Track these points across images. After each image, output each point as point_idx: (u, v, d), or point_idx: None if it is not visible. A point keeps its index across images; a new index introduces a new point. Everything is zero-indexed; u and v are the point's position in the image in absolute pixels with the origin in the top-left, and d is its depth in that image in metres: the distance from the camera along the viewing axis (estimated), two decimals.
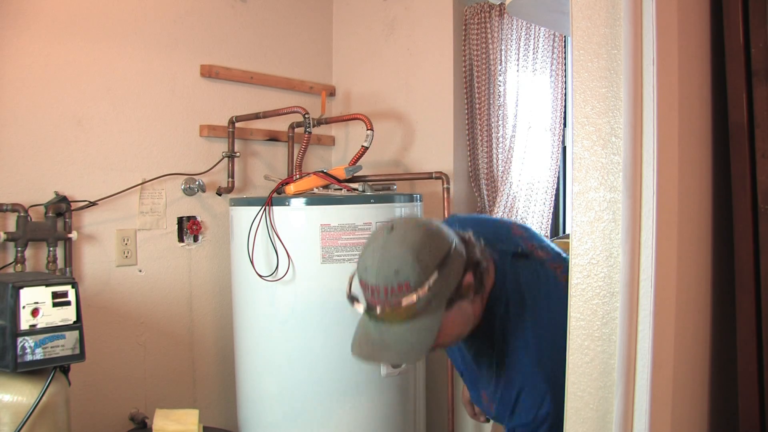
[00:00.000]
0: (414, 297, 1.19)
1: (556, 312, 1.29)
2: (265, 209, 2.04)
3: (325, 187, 2.22)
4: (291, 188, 2.17)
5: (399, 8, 2.72)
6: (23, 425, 1.53)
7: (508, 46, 2.43)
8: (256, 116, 2.45)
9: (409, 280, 1.20)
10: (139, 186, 2.27)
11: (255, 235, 2.07)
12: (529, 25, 2.43)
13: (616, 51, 1.01)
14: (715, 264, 1.23)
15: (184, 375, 2.42)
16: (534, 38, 2.45)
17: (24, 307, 1.58)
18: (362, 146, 2.35)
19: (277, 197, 2.09)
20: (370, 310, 1.27)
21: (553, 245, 1.55)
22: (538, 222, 2.42)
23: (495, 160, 2.47)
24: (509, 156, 2.42)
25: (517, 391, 1.30)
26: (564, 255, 1.51)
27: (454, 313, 1.25)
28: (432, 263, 1.21)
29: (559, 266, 1.43)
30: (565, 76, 2.45)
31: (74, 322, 1.65)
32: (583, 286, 1.05)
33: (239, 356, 2.25)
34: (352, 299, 1.33)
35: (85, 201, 2.12)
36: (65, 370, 1.69)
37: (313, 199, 2.07)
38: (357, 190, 2.17)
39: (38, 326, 1.59)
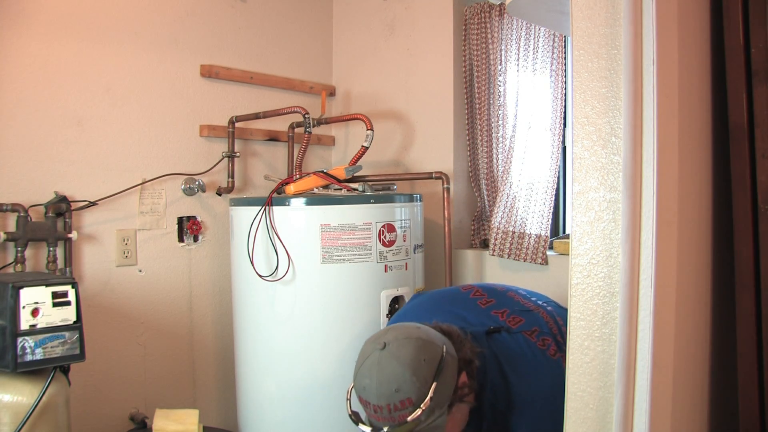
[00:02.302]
0: (418, 412, 1.25)
1: (544, 386, 1.36)
2: (265, 209, 2.04)
3: (325, 187, 2.22)
4: (291, 188, 2.17)
5: (399, 8, 2.72)
6: (23, 425, 1.53)
7: (508, 46, 2.43)
8: (256, 116, 2.45)
9: (411, 396, 1.25)
10: (139, 186, 2.27)
11: (255, 235, 2.07)
12: (529, 25, 2.42)
13: (616, 51, 1.02)
14: (715, 264, 1.23)
15: (184, 375, 2.42)
16: (534, 38, 2.45)
17: (24, 307, 1.58)
18: (362, 146, 2.35)
19: (277, 197, 2.09)
20: (375, 429, 1.31)
21: (520, 298, 1.59)
22: (538, 222, 2.42)
23: (495, 160, 2.47)
24: (509, 156, 2.41)
25: None
26: (534, 305, 1.53)
27: (455, 415, 1.32)
28: (429, 375, 1.27)
29: (535, 330, 1.48)
30: (565, 76, 2.45)
31: (74, 322, 1.65)
32: (583, 286, 1.05)
33: (239, 356, 2.25)
34: (356, 419, 1.37)
35: (85, 201, 2.12)
36: (65, 370, 1.69)
37: (313, 199, 2.07)
38: (357, 190, 2.17)
39: (38, 326, 1.59)
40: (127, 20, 2.23)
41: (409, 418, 1.25)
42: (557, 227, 2.65)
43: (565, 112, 2.44)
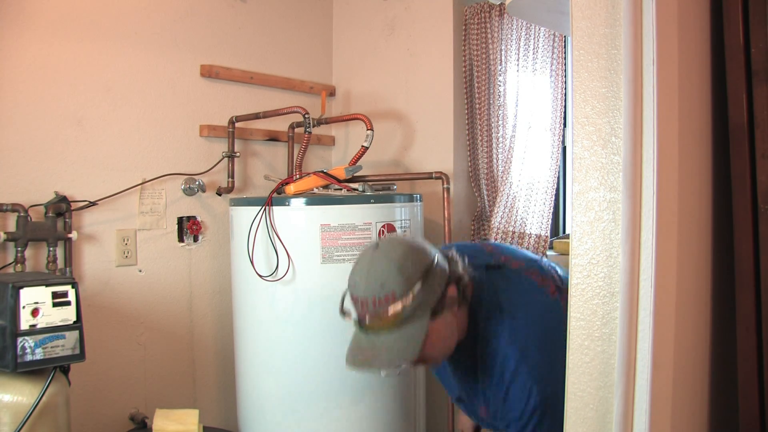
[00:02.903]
0: (399, 305, 1.28)
1: (534, 312, 1.38)
2: (265, 209, 2.04)
3: (325, 187, 2.22)
4: (291, 188, 2.17)
5: (399, 8, 2.72)
6: (23, 425, 1.53)
7: (508, 46, 2.43)
8: (256, 116, 2.45)
9: (394, 291, 1.28)
10: (139, 186, 2.27)
11: (255, 235, 2.07)
12: (529, 25, 2.43)
13: (616, 51, 1.01)
14: (715, 264, 1.22)
15: (184, 375, 2.42)
16: (534, 38, 2.45)
17: (24, 307, 1.58)
18: (362, 146, 2.35)
19: (277, 197, 2.09)
20: (360, 321, 1.33)
21: (526, 253, 1.63)
22: (538, 222, 2.42)
23: (495, 160, 2.47)
24: (509, 156, 2.42)
25: (505, 389, 1.34)
26: (537, 258, 1.57)
27: (439, 324, 1.33)
28: (415, 275, 1.30)
29: (535, 271, 1.50)
30: (565, 76, 2.45)
31: (74, 322, 1.65)
32: (583, 286, 1.05)
33: (239, 356, 2.25)
34: (344, 313, 1.39)
35: (85, 201, 2.12)
36: (65, 370, 1.69)
37: (313, 199, 2.07)
38: (357, 190, 2.17)
39: (38, 326, 1.59)
40: (127, 20, 2.23)
41: (390, 311, 1.28)
42: (557, 227, 2.65)
43: (565, 112, 2.44)
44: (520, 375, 1.32)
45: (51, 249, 2.00)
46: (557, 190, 2.52)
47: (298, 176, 2.30)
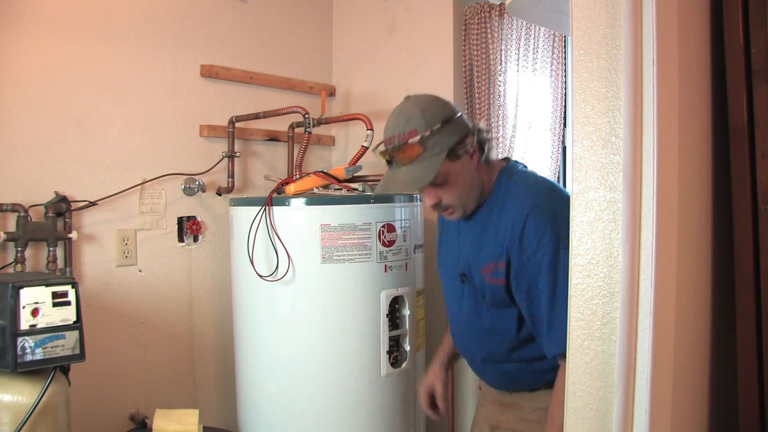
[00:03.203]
0: (418, 137, 1.46)
1: (548, 185, 1.57)
2: (265, 209, 2.04)
3: (325, 187, 2.22)
4: (291, 188, 2.17)
5: (399, 8, 2.72)
6: (23, 425, 1.53)
7: (508, 46, 2.43)
8: (256, 116, 2.45)
9: (416, 127, 1.47)
10: (139, 186, 2.27)
11: (255, 235, 2.07)
12: (529, 25, 2.43)
13: (616, 51, 1.01)
14: (715, 264, 1.23)
15: (184, 375, 2.42)
16: (534, 38, 2.45)
17: (24, 307, 1.58)
18: (362, 146, 2.35)
19: (277, 197, 2.09)
20: (386, 155, 1.53)
21: None
22: None
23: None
24: (509, 156, 2.41)
25: (523, 223, 1.47)
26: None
27: (456, 167, 1.50)
28: (437, 117, 1.48)
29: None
30: (565, 76, 2.45)
31: (74, 322, 1.65)
32: (583, 286, 1.05)
33: (239, 356, 2.25)
34: (377, 153, 1.58)
35: (85, 201, 2.12)
36: (65, 370, 1.69)
37: (313, 199, 2.07)
38: (357, 190, 2.17)
39: (38, 326, 1.59)
40: (127, 20, 2.23)
41: (409, 142, 1.46)
42: None
43: (565, 112, 2.44)
44: (532, 216, 1.46)
45: (51, 249, 2.00)
46: None
47: (298, 176, 2.30)
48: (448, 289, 1.73)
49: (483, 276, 1.55)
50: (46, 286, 1.62)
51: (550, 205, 1.47)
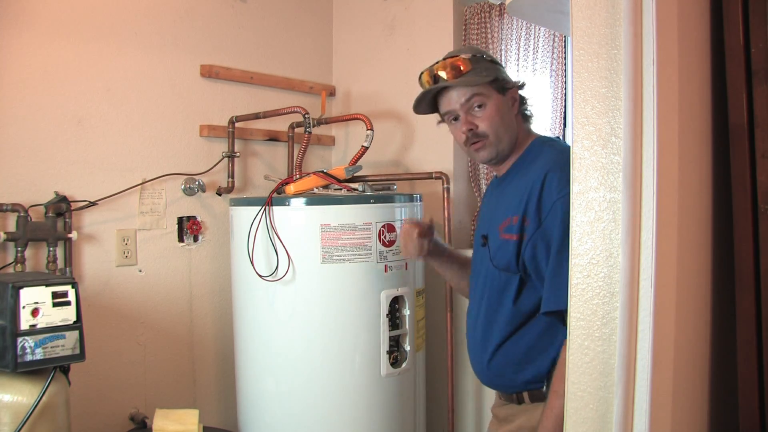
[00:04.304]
0: (469, 55, 1.53)
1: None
2: (265, 209, 2.04)
3: (325, 187, 2.22)
4: (291, 188, 2.17)
5: (399, 8, 2.72)
6: (23, 425, 1.53)
7: (508, 46, 2.43)
8: (256, 116, 2.45)
9: (467, 55, 1.54)
10: (139, 186, 2.27)
11: (255, 235, 2.07)
12: (529, 25, 2.43)
13: (616, 51, 1.01)
14: (715, 264, 1.23)
15: (184, 375, 2.42)
16: (534, 38, 2.45)
17: (24, 307, 1.58)
18: (362, 146, 2.35)
19: (277, 197, 2.09)
20: (432, 70, 1.58)
21: None
22: None
23: None
24: None
25: (542, 180, 1.44)
26: None
27: (500, 100, 1.54)
28: (487, 57, 1.57)
29: None
30: (565, 76, 2.45)
31: (74, 322, 1.65)
32: (583, 286, 1.05)
33: (239, 356, 2.25)
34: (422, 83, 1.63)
35: (85, 201, 2.12)
36: (65, 370, 1.69)
37: (313, 199, 2.07)
38: (357, 190, 2.17)
39: (38, 326, 1.59)
40: (127, 20, 2.23)
41: (461, 56, 1.53)
42: None
43: (565, 112, 2.44)
44: (552, 173, 1.43)
45: (51, 249, 2.00)
46: None
47: (298, 176, 2.30)
48: (474, 263, 1.70)
49: (499, 232, 1.53)
50: (46, 286, 1.62)
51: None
